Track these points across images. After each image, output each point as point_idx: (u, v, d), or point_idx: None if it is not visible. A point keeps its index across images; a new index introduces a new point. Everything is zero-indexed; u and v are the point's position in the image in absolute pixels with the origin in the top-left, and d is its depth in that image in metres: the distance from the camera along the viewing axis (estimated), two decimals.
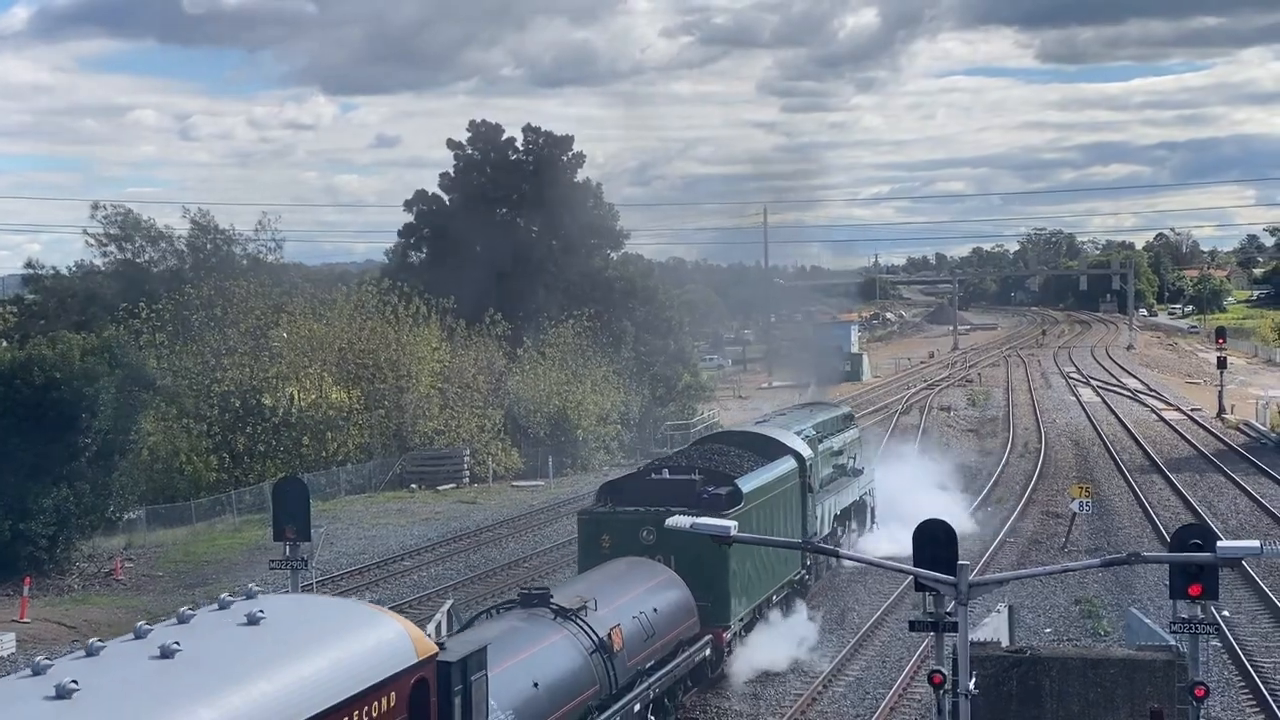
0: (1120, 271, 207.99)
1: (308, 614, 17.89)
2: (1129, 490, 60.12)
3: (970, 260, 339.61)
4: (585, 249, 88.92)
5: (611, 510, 33.24)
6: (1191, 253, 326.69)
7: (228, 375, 67.86)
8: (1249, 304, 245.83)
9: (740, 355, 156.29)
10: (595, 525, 32.79)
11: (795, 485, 39.00)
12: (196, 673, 14.38)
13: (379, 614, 18.16)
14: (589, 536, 32.74)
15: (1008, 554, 47.78)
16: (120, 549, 52.08)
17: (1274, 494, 58.26)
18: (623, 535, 31.72)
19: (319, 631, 16.76)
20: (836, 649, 35.62)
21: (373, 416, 70.61)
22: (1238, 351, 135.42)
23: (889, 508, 49.66)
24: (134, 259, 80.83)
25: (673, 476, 34.78)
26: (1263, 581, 41.37)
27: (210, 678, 14.39)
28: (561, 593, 26.36)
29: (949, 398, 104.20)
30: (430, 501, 64.45)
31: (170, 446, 64.80)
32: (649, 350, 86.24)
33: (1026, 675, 23.40)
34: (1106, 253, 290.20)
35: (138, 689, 13.86)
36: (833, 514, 43.80)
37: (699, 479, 34.44)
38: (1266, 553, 17.27)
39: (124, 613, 42.38)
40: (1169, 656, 23.48)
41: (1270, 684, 32.04)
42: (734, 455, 37.42)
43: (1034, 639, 34.28)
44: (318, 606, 19.05)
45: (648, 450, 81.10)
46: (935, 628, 19.45)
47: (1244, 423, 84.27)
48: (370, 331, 72.47)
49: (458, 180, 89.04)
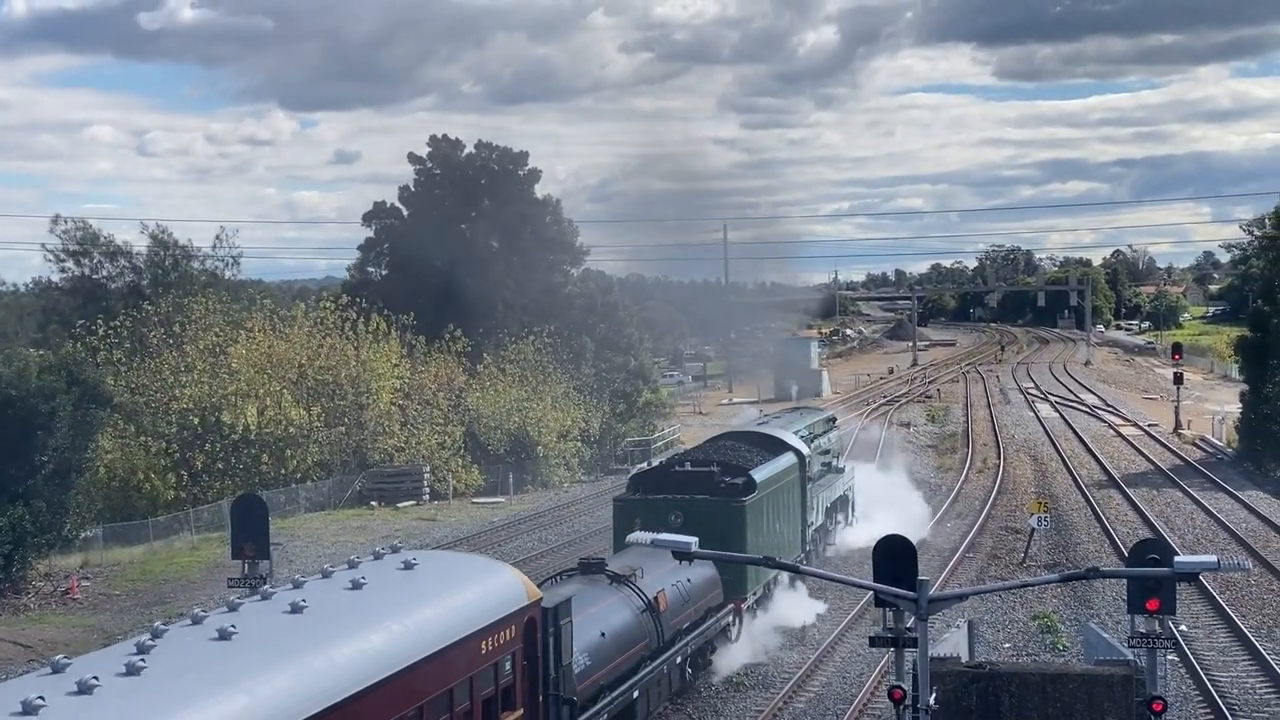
0: (1078, 288, 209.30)
1: (450, 563, 23.60)
2: (1087, 506, 60.43)
3: (929, 277, 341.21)
4: (545, 265, 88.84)
5: (642, 497, 37.94)
6: (1148, 269, 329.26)
7: (186, 392, 67.48)
8: (1205, 320, 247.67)
9: (700, 371, 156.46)
10: (629, 510, 37.08)
11: (796, 478, 43.61)
12: (382, 600, 19.30)
13: (502, 565, 23.33)
14: (623, 520, 36.69)
15: (967, 569, 47.95)
16: (77, 568, 51.65)
17: (1230, 509, 58.68)
18: (653, 518, 34.67)
19: (461, 576, 21.71)
20: (797, 664, 35.68)
21: (332, 433, 70.29)
22: (1194, 367, 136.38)
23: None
24: (91, 275, 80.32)
25: (695, 469, 39.05)
26: (1219, 596, 41.64)
27: (392, 604, 19.27)
28: (613, 563, 30.77)
29: (908, 414, 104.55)
30: (390, 519, 64.20)
31: (128, 464, 64.36)
32: (609, 367, 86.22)
33: (986, 691, 23.45)
34: (1064, 269, 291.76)
35: (343, 610, 18.62)
36: (824, 506, 48.53)
37: (717, 470, 38.57)
38: (1223, 567, 17.38)
39: (81, 632, 42.05)
40: (1127, 671, 23.59)
41: (1227, 698, 32.24)
42: (744, 450, 42.00)
43: (993, 654, 34.42)
44: (455, 558, 25.41)
45: (608, 467, 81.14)
46: (895, 643, 19.49)
47: (1200, 438, 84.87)
48: (330, 348, 72.20)
49: (417, 195, 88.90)
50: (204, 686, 15.03)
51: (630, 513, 36.61)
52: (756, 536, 37.56)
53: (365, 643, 17.66)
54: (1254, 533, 53.28)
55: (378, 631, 18.06)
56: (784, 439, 44.94)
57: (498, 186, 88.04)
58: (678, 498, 36.92)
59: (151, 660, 15.28)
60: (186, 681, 15.11)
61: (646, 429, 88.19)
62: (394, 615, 18.79)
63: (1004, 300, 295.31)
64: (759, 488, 38.37)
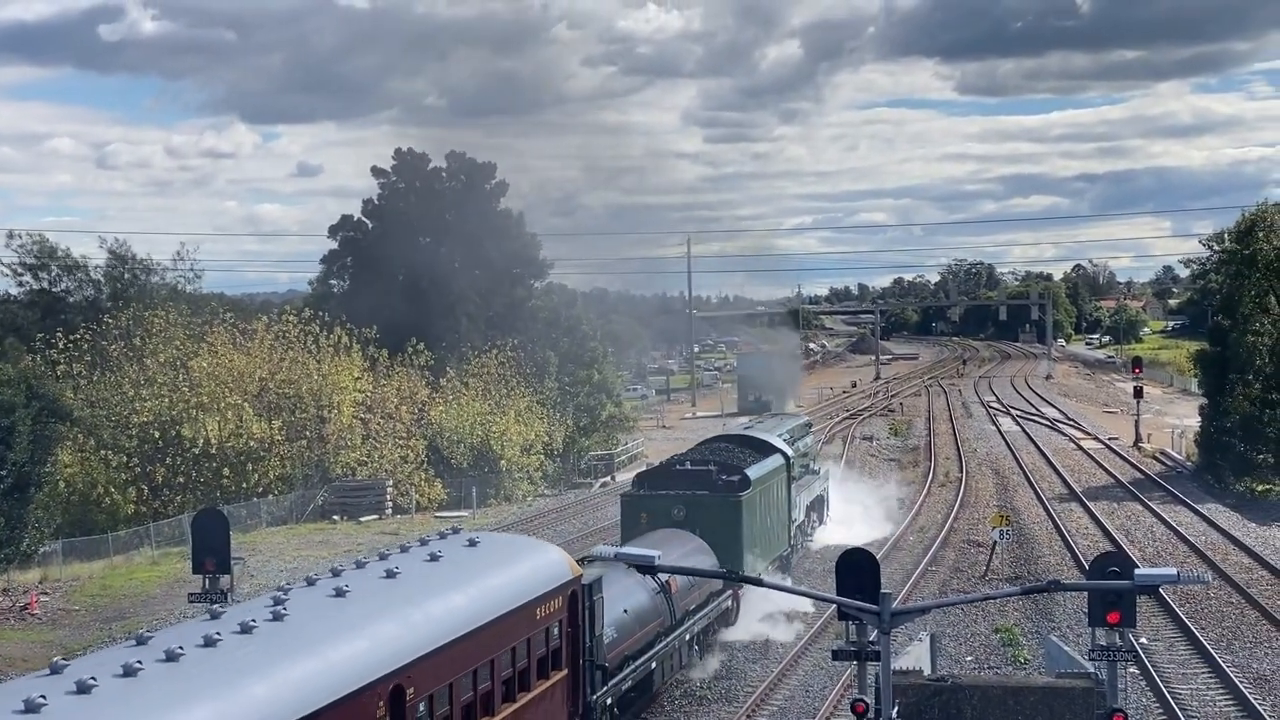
0: (1039, 302, 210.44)
1: (507, 542, 27.07)
2: (1048, 519, 60.68)
3: (892, 291, 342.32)
4: (509, 279, 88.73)
5: (648, 493, 40.97)
6: (1108, 284, 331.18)
7: (147, 406, 67.09)
8: (1165, 335, 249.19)
9: (664, 385, 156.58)
10: (635, 505, 40.54)
11: (783, 477, 47.04)
12: (455, 570, 22.51)
13: (550, 545, 27.02)
14: (630, 514, 40.18)
15: (929, 583, 48.07)
16: (36, 583, 51.26)
17: (1190, 522, 59.03)
18: (658, 512, 39.32)
19: (517, 552, 25.22)
20: (760, 678, 35.68)
21: (294, 447, 69.98)
22: (1154, 381, 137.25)
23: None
24: (50, 288, 79.88)
25: (694, 467, 42.07)
26: (1179, 609, 41.87)
27: (466, 573, 22.51)
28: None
29: (871, 427, 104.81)
30: (352, 533, 63.95)
31: (88, 478, 63.97)
32: (572, 380, 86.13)
33: (948, 704, 23.52)
34: (1025, 283, 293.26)
35: (427, 577, 21.85)
36: (805, 504, 52.03)
37: (715, 469, 41.53)
38: (1183, 580, 17.49)
39: (39, 647, 41.70)
40: (1088, 684, 23.69)
41: (1187, 710, 32.39)
42: (737, 451, 45.50)
43: (955, 667, 34.52)
44: (511, 538, 29.26)
45: (571, 480, 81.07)
46: (858, 656, 19.52)
47: (1160, 451, 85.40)
48: (291, 362, 71.90)
49: (381, 208, 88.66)
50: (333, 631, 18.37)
51: (637, 507, 40.20)
52: (751, 529, 41.00)
53: (450, 603, 20.97)
54: (1213, 546, 53.61)
55: (459, 594, 21.42)
56: (771, 441, 48.15)
57: (462, 200, 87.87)
58: (680, 493, 40.07)
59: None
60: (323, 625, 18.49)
61: (610, 443, 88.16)
62: (469, 582, 22.09)
63: (966, 314, 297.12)
64: (753, 484, 41.42)
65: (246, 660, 16.57)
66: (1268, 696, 33.65)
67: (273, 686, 16.20)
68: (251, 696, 15.81)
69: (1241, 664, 36.66)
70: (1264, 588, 45.84)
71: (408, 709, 18.44)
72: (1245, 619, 41.86)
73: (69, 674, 15.07)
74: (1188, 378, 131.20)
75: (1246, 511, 62.41)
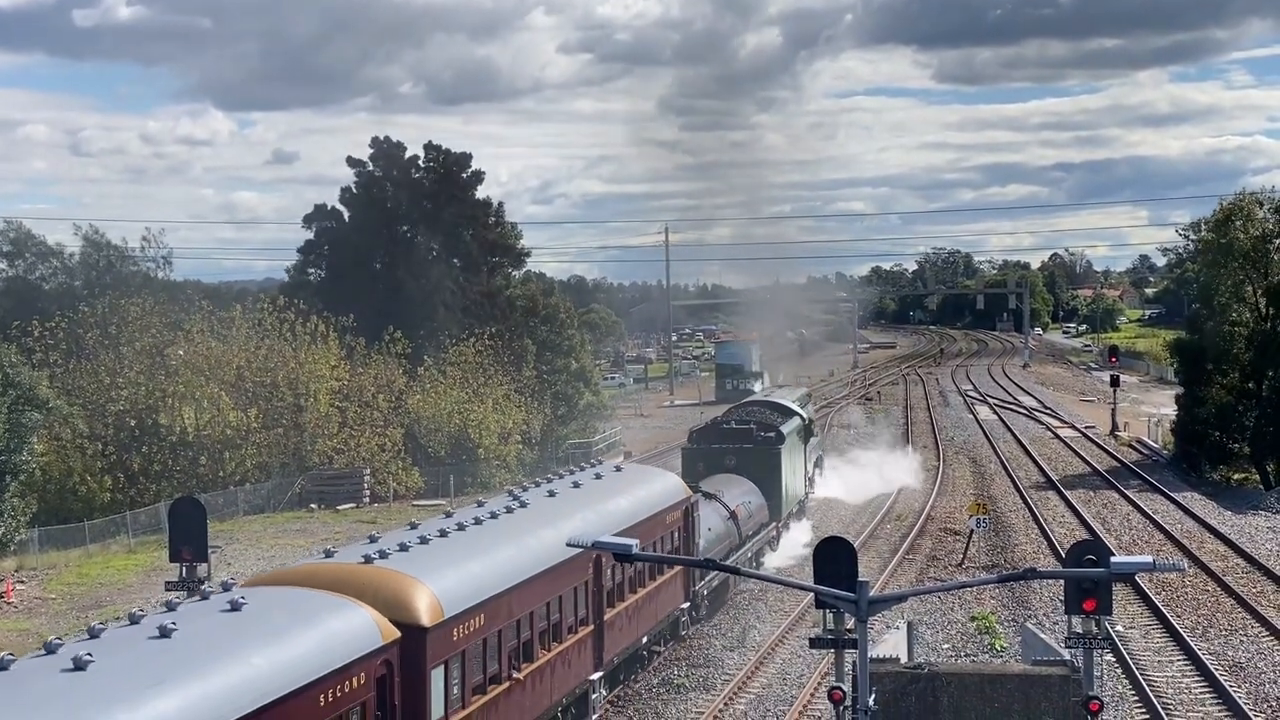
0: (1016, 291, 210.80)
1: (646, 470, 39.79)
2: (1025, 507, 60.88)
3: (870, 279, 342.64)
4: (487, 267, 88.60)
5: (705, 446, 50.65)
6: (1085, 272, 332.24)
7: (123, 394, 66.84)
8: (1141, 323, 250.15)
9: (642, 374, 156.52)
10: (694, 455, 49.96)
11: (803, 435, 57.72)
12: (615, 484, 35.06)
13: (670, 473, 40.09)
14: (690, 462, 49.13)
15: (906, 571, 48.20)
16: (12, 571, 51.08)
17: (1166, 510, 59.28)
18: (712, 460, 49.10)
19: (655, 475, 38.38)
20: (737, 666, 35.74)
21: (271, 436, 69.79)
22: (1130, 370, 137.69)
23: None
24: (25, 276, 79.49)
25: (738, 425, 52.34)
26: (1155, 596, 42.06)
27: (622, 485, 35.08)
28: (704, 486, 43.00)
29: (849, 416, 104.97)
30: (330, 522, 63.82)
31: (64, 467, 63.72)
32: (550, 369, 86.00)
33: (925, 692, 23.58)
34: (1003, 272, 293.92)
35: (599, 488, 34.03)
36: (814, 460, 62.70)
37: (754, 427, 51.68)
38: (1159, 568, 17.53)
39: (15, 636, 41.54)
40: (1064, 671, 23.78)
41: (1163, 698, 32.56)
42: (768, 413, 55.66)
43: (932, 655, 34.60)
44: (641, 468, 41.68)
45: (549, 468, 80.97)
46: (836, 644, 19.56)
47: (1137, 440, 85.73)
48: (268, 350, 71.68)
49: (358, 197, 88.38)
50: (573, 510, 30.62)
51: (696, 457, 49.63)
52: (786, 474, 50.98)
53: (615, 505, 32.55)
54: (1189, 534, 53.85)
55: (624, 498, 33.63)
56: (792, 406, 58.99)
57: (439, 188, 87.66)
58: (730, 446, 50.02)
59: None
60: (570, 504, 31.11)
61: (588, 431, 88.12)
62: (627, 491, 34.31)
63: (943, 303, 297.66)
64: (785, 439, 51.54)
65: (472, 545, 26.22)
66: (1243, 684, 33.84)
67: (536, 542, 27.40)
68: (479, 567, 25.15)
69: (1217, 651, 36.85)
70: (1239, 576, 46.08)
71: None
72: (1220, 607, 42.07)
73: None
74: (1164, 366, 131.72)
75: (1222, 500, 62.73)
